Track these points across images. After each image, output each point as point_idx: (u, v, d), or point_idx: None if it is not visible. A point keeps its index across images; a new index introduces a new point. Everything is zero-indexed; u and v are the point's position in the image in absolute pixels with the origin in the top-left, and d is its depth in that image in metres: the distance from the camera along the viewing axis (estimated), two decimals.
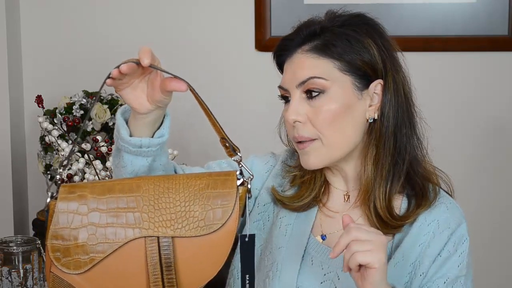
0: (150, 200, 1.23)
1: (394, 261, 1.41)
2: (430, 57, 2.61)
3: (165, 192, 1.23)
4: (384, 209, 1.42)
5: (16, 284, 1.69)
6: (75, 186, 1.25)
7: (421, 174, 1.47)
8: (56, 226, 1.22)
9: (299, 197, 1.49)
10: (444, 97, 2.63)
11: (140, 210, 1.22)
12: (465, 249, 1.43)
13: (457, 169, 2.73)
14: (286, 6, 2.58)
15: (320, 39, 1.42)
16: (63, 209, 1.22)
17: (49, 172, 2.44)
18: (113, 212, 1.22)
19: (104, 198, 1.23)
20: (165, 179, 1.25)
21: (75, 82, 2.62)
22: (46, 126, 2.35)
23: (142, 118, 1.34)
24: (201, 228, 1.22)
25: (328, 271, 1.44)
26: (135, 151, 1.35)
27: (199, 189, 1.24)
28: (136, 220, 1.22)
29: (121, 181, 1.25)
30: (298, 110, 1.41)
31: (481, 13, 2.57)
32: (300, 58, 1.43)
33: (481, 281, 2.64)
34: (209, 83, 2.67)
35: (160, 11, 2.67)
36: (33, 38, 2.69)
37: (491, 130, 2.65)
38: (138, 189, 1.23)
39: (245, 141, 2.70)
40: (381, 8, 2.56)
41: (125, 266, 1.22)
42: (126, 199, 1.23)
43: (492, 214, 2.67)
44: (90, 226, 1.22)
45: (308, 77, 1.41)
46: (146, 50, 1.24)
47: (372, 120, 1.43)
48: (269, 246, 1.49)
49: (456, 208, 1.47)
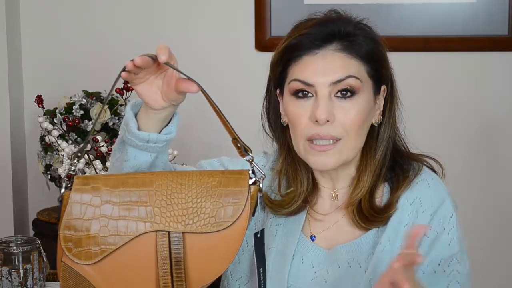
0: (162, 195, 1.24)
1: (381, 247, 1.40)
2: (430, 57, 2.61)
3: (177, 187, 1.24)
4: (367, 208, 1.42)
5: (16, 284, 1.69)
6: (89, 177, 1.26)
7: (403, 157, 1.47)
8: (69, 217, 1.23)
9: (288, 202, 1.48)
10: (444, 97, 2.63)
11: (152, 205, 1.23)
12: (453, 225, 1.42)
13: (457, 169, 2.73)
14: (286, 6, 2.58)
15: (351, 39, 1.40)
16: (76, 200, 1.24)
17: (49, 172, 2.44)
18: (126, 205, 1.23)
19: (117, 191, 1.24)
20: (178, 174, 1.26)
21: (75, 82, 2.62)
22: (46, 126, 2.35)
23: (154, 114, 1.34)
24: (211, 225, 1.23)
25: (319, 268, 1.44)
26: (141, 145, 1.35)
27: (211, 186, 1.25)
28: (148, 214, 1.23)
29: (134, 175, 1.27)
30: (329, 109, 1.38)
31: (481, 13, 2.57)
32: (334, 55, 1.40)
33: (481, 281, 2.64)
34: (209, 83, 2.66)
35: (160, 11, 2.67)
36: (33, 38, 2.70)
37: (491, 130, 2.65)
38: (151, 183, 1.25)
39: (245, 141, 2.70)
40: (381, 8, 2.56)
41: (135, 259, 1.23)
42: (139, 192, 1.24)
43: (491, 214, 2.67)
44: (103, 218, 1.23)
45: (346, 75, 1.38)
46: (164, 47, 1.25)
47: (377, 124, 1.44)
48: None
49: (438, 183, 1.46)
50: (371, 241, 1.43)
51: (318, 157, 1.41)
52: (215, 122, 2.51)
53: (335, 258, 1.44)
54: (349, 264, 1.42)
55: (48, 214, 2.53)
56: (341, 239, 1.45)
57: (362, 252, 1.42)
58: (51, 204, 2.65)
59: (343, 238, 1.45)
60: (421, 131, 2.69)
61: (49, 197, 2.63)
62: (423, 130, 2.65)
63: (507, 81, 2.62)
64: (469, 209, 2.65)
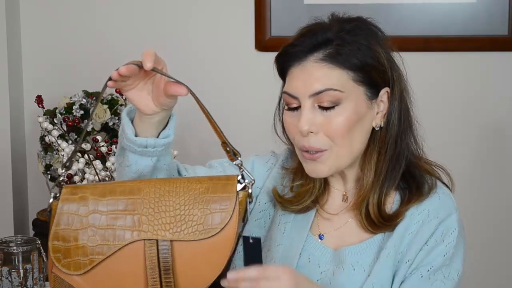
0: (150, 203, 1.23)
1: (386, 251, 1.41)
2: (430, 57, 2.61)
3: (165, 195, 1.24)
4: (376, 213, 1.43)
5: (16, 284, 1.69)
6: (77, 187, 1.26)
7: (416, 166, 1.47)
8: (57, 227, 1.23)
9: (298, 200, 1.49)
10: (444, 97, 2.63)
11: (140, 213, 1.23)
12: (452, 240, 1.42)
13: (457, 169, 2.72)
14: (286, 6, 2.58)
15: (333, 48, 1.39)
16: (64, 210, 1.24)
17: (49, 172, 2.44)
18: (113, 214, 1.23)
19: (105, 200, 1.24)
20: (166, 182, 1.25)
21: (75, 82, 2.62)
22: (46, 126, 2.35)
23: (147, 119, 1.33)
24: (200, 232, 1.22)
25: (325, 269, 1.45)
26: (140, 151, 1.35)
27: (199, 193, 1.24)
28: (136, 223, 1.22)
29: (122, 183, 1.26)
30: (311, 120, 1.38)
31: (481, 13, 2.57)
32: (313, 67, 1.39)
33: (481, 281, 2.64)
34: (209, 83, 2.67)
35: (160, 11, 2.67)
36: (33, 38, 2.70)
37: (491, 130, 2.65)
38: (139, 191, 1.24)
39: (245, 141, 2.70)
40: (381, 8, 2.56)
41: (124, 268, 1.22)
42: (127, 201, 1.23)
43: (492, 214, 2.67)
44: (91, 227, 1.23)
45: (324, 88, 1.37)
46: (149, 53, 1.24)
47: (378, 128, 1.44)
48: (268, 244, 1.50)
49: (449, 198, 1.47)
50: (377, 246, 1.43)
51: (311, 165, 1.42)
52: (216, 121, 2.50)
53: (340, 260, 1.44)
54: (353, 267, 1.42)
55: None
56: (349, 241, 1.46)
57: (367, 256, 1.43)
58: None
59: (350, 239, 1.46)
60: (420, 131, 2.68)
61: (49, 197, 2.63)
62: (421, 130, 2.64)
63: (507, 81, 2.63)
64: (471, 208, 2.65)
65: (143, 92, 1.31)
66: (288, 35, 1.48)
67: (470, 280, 2.67)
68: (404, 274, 1.41)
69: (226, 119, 2.75)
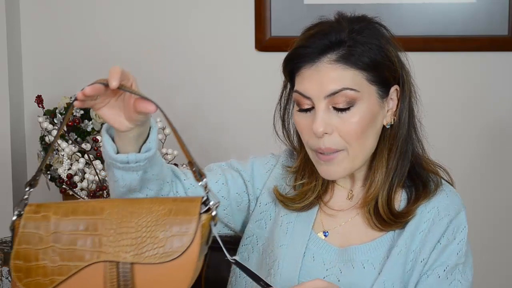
0: (112, 223, 1.20)
1: (397, 249, 1.42)
2: (430, 57, 2.61)
3: (128, 216, 1.20)
4: (386, 210, 1.43)
5: None
6: (40, 205, 1.23)
7: (420, 165, 1.48)
8: (19, 246, 1.20)
9: (300, 198, 1.50)
10: (444, 97, 2.63)
11: (101, 234, 1.20)
12: (463, 237, 1.44)
13: (457, 169, 2.72)
14: (286, 6, 2.58)
15: (346, 49, 1.39)
16: (27, 228, 1.21)
17: (49, 172, 2.44)
18: (75, 235, 1.20)
19: (67, 220, 1.21)
20: (129, 202, 1.22)
21: (75, 82, 2.62)
22: (46, 126, 2.35)
23: (124, 136, 1.31)
24: (160, 255, 1.18)
25: (330, 266, 1.45)
26: (123, 166, 1.34)
27: (161, 215, 1.20)
28: (97, 244, 1.19)
29: (86, 203, 1.23)
30: (326, 121, 1.39)
31: (481, 13, 2.57)
32: (327, 68, 1.39)
33: (482, 281, 2.63)
34: (209, 83, 2.67)
35: (160, 11, 2.67)
36: (33, 38, 2.69)
37: (491, 130, 2.65)
38: (101, 212, 1.21)
39: (245, 141, 2.71)
40: (381, 8, 2.56)
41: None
42: (88, 221, 1.20)
43: (494, 214, 2.67)
44: (52, 247, 1.20)
45: (340, 88, 1.38)
46: (115, 71, 1.21)
47: (389, 126, 1.44)
48: (270, 244, 1.50)
49: (456, 195, 1.48)
50: (387, 244, 1.44)
51: (326, 167, 1.42)
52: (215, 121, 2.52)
53: (348, 258, 1.44)
54: (363, 265, 1.43)
55: None
56: (355, 238, 1.46)
57: (378, 255, 1.43)
58: None
59: (357, 237, 1.46)
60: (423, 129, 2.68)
61: (49, 197, 2.63)
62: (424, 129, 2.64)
63: (507, 81, 2.62)
64: (472, 208, 2.65)
65: (115, 109, 1.28)
66: (288, 35, 1.48)
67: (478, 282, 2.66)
68: (419, 273, 1.42)
69: (226, 119, 2.75)
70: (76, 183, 2.24)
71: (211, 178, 1.52)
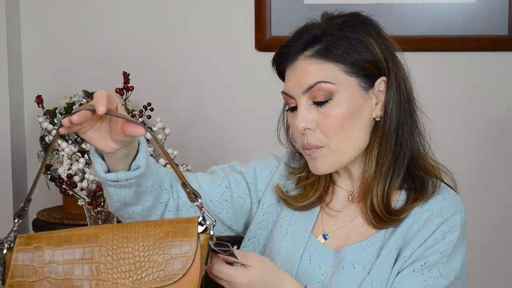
0: (108, 250, 1.18)
1: (387, 249, 1.41)
2: (430, 57, 2.61)
3: (123, 241, 1.18)
4: (380, 205, 1.43)
5: None
6: (31, 237, 1.20)
7: (422, 168, 1.47)
8: (12, 280, 1.17)
9: (303, 196, 1.50)
10: (444, 97, 2.63)
11: (98, 261, 1.17)
12: (453, 239, 1.41)
13: (457, 169, 2.72)
14: (286, 6, 2.58)
15: (322, 44, 1.41)
16: (19, 261, 1.18)
17: (49, 172, 2.44)
18: (70, 264, 1.17)
19: (61, 249, 1.18)
20: (123, 227, 1.20)
21: (75, 82, 2.62)
22: (46, 126, 2.35)
23: (112, 156, 1.30)
24: (161, 279, 1.16)
25: (326, 271, 1.45)
26: (114, 184, 1.33)
27: (158, 238, 1.18)
28: (94, 272, 1.17)
29: (79, 231, 1.20)
30: (307, 117, 1.40)
31: (481, 13, 2.57)
32: (304, 64, 1.41)
33: (482, 281, 2.64)
34: (209, 83, 2.67)
35: (160, 11, 2.67)
36: (33, 38, 2.70)
37: (491, 130, 2.65)
38: (95, 239, 1.18)
39: (245, 141, 2.71)
40: (381, 8, 2.56)
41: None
42: (83, 249, 1.18)
43: (494, 214, 2.67)
44: (47, 279, 1.17)
45: (315, 82, 1.39)
46: (101, 97, 1.18)
47: (379, 119, 1.44)
48: (269, 246, 1.51)
49: (454, 199, 1.46)
50: (378, 244, 1.43)
51: (312, 163, 1.44)
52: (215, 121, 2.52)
53: (341, 260, 1.44)
54: (353, 266, 1.42)
55: (48, 214, 2.53)
56: (352, 239, 1.46)
57: (368, 254, 1.43)
58: (51, 204, 2.65)
59: (354, 238, 1.46)
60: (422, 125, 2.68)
61: (49, 197, 2.63)
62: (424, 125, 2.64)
63: (507, 81, 2.63)
64: (473, 208, 2.65)
65: (101, 132, 1.27)
66: (288, 35, 1.48)
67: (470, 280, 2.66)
68: (398, 269, 1.40)
69: (226, 119, 2.75)
70: (76, 183, 2.24)
71: (214, 181, 1.53)
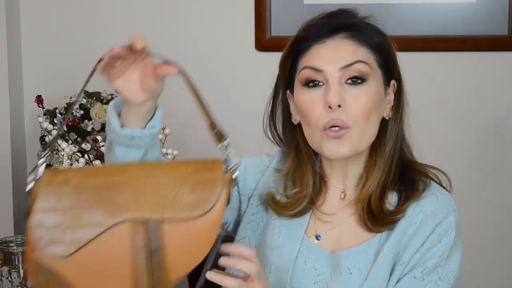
0: (136, 183, 1.19)
1: (383, 255, 1.41)
2: (430, 57, 2.61)
3: (151, 176, 1.20)
4: (378, 206, 1.42)
5: (16, 284, 1.69)
6: (59, 170, 1.22)
7: (410, 169, 1.47)
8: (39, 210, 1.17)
9: (293, 204, 1.47)
10: (444, 97, 2.63)
11: (125, 193, 1.18)
12: (449, 241, 1.41)
13: (457, 169, 2.72)
14: (286, 6, 2.58)
15: (357, 29, 1.42)
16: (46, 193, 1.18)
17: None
18: (98, 196, 1.18)
19: (89, 182, 1.19)
20: (152, 164, 1.23)
21: (75, 82, 2.61)
22: (46, 126, 2.35)
23: (136, 109, 1.32)
24: (188, 212, 1.18)
25: (322, 272, 1.44)
26: (127, 143, 1.34)
27: (186, 174, 1.21)
28: (122, 204, 1.17)
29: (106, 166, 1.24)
30: (341, 94, 1.39)
31: (481, 13, 2.57)
32: (342, 42, 1.41)
33: (481, 281, 2.64)
34: (209, 83, 2.67)
35: (160, 11, 2.67)
36: (33, 38, 2.69)
37: (491, 130, 2.65)
38: (123, 172, 1.20)
39: (245, 141, 2.70)
40: (381, 8, 2.56)
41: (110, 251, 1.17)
42: (112, 182, 1.19)
43: (494, 214, 2.67)
44: (74, 210, 1.17)
45: (354, 60, 1.39)
46: (137, 35, 1.24)
47: (388, 119, 1.44)
48: (262, 247, 1.48)
49: (447, 199, 1.46)
50: (374, 249, 1.43)
51: (333, 145, 1.40)
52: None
53: (337, 264, 1.43)
54: (350, 271, 1.42)
55: None
56: (346, 242, 1.45)
57: (364, 259, 1.42)
58: None
59: (348, 240, 1.45)
60: (421, 131, 2.68)
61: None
62: (422, 130, 2.64)
63: (507, 81, 2.62)
64: (469, 208, 2.65)
65: (131, 81, 1.30)
66: (288, 35, 1.48)
67: (470, 280, 2.66)
68: (398, 276, 1.40)
69: (226, 119, 2.74)
70: None
71: None
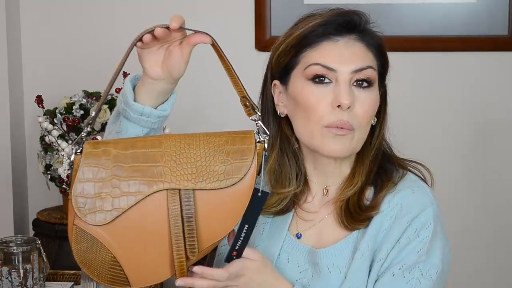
0: (171, 155, 1.27)
1: (360, 253, 1.40)
2: (430, 57, 2.61)
3: (186, 148, 1.27)
4: (355, 203, 1.42)
5: (16, 284, 1.69)
6: (99, 142, 1.28)
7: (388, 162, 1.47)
8: (80, 180, 1.25)
9: (275, 202, 1.47)
10: (444, 97, 2.63)
11: (162, 165, 1.26)
12: (427, 235, 1.39)
13: (456, 169, 2.73)
14: (286, 6, 2.58)
15: (369, 34, 1.42)
16: (87, 163, 1.26)
17: (49, 172, 2.44)
18: (136, 166, 1.26)
19: (128, 153, 1.26)
20: (186, 136, 1.29)
21: (75, 82, 2.62)
22: (46, 126, 2.36)
23: (150, 84, 1.36)
24: (220, 182, 1.26)
25: (304, 268, 1.44)
26: (135, 118, 1.37)
27: (218, 145, 1.28)
28: (158, 174, 1.26)
29: (143, 138, 1.30)
30: (351, 95, 1.39)
31: (481, 13, 2.57)
32: (355, 45, 1.41)
33: (479, 281, 2.64)
34: (209, 83, 2.67)
35: (160, 11, 2.67)
36: (33, 38, 2.70)
37: (491, 130, 2.65)
38: (160, 145, 1.27)
39: None
40: (381, 8, 2.56)
41: (147, 219, 1.25)
42: (149, 154, 1.26)
43: (494, 214, 2.67)
44: (114, 179, 1.25)
45: (367, 65, 1.40)
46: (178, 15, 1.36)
47: (375, 123, 1.45)
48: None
49: (423, 192, 1.43)
50: (351, 246, 1.42)
51: (335, 142, 1.39)
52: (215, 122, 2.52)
53: (316, 262, 1.43)
54: (329, 270, 1.41)
55: (48, 214, 2.53)
56: (325, 239, 1.45)
57: (343, 257, 1.42)
58: (51, 204, 2.65)
59: (327, 238, 1.45)
60: (421, 131, 2.69)
61: (49, 197, 2.63)
62: (422, 130, 2.65)
63: (507, 81, 2.63)
64: (467, 208, 2.65)
65: (154, 55, 1.36)
66: None
67: (471, 280, 2.67)
68: (376, 273, 1.39)
69: (226, 119, 2.75)
70: None
71: None
